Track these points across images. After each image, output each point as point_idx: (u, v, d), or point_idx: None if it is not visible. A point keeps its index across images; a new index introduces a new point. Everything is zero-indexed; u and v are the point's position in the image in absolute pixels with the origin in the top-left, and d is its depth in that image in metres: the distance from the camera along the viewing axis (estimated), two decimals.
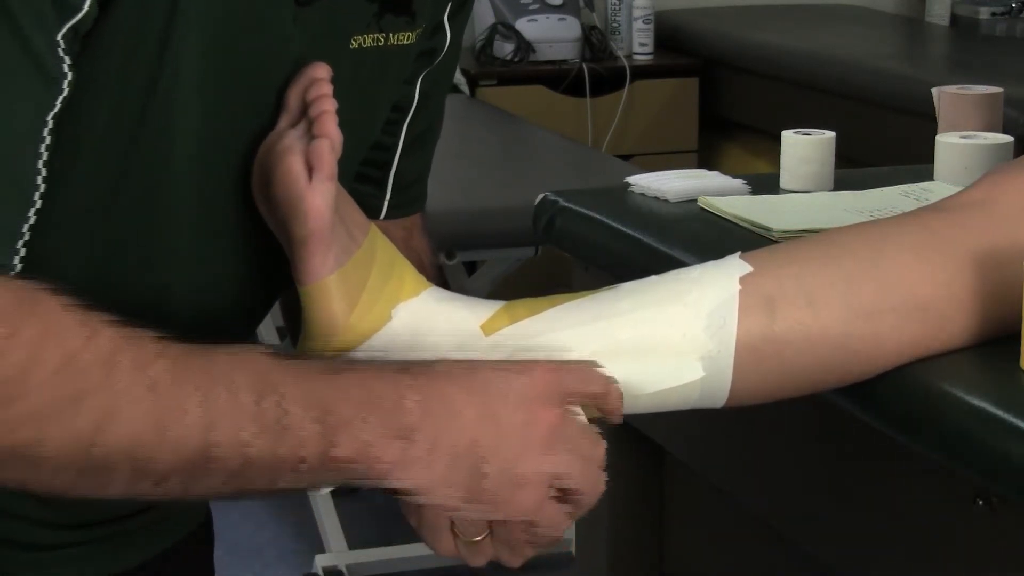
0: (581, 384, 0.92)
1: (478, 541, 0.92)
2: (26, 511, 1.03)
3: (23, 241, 0.86)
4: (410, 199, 1.20)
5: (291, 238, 0.97)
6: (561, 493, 0.89)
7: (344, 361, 0.93)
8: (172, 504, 1.16)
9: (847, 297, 1.00)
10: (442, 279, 1.08)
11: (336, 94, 0.99)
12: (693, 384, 0.98)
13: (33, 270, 0.85)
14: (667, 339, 0.98)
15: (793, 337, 0.99)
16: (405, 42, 1.07)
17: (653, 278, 1.02)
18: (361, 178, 1.14)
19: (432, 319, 0.99)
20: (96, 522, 1.08)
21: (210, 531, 1.22)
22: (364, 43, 1.04)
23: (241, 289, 1.06)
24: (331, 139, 0.97)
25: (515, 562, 0.92)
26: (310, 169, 0.96)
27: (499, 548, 0.92)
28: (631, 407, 0.98)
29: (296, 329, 1.01)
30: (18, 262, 0.85)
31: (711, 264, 1.02)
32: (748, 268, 1.00)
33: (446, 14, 1.13)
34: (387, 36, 1.06)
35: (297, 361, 0.88)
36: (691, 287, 1.00)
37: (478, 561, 0.93)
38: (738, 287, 0.99)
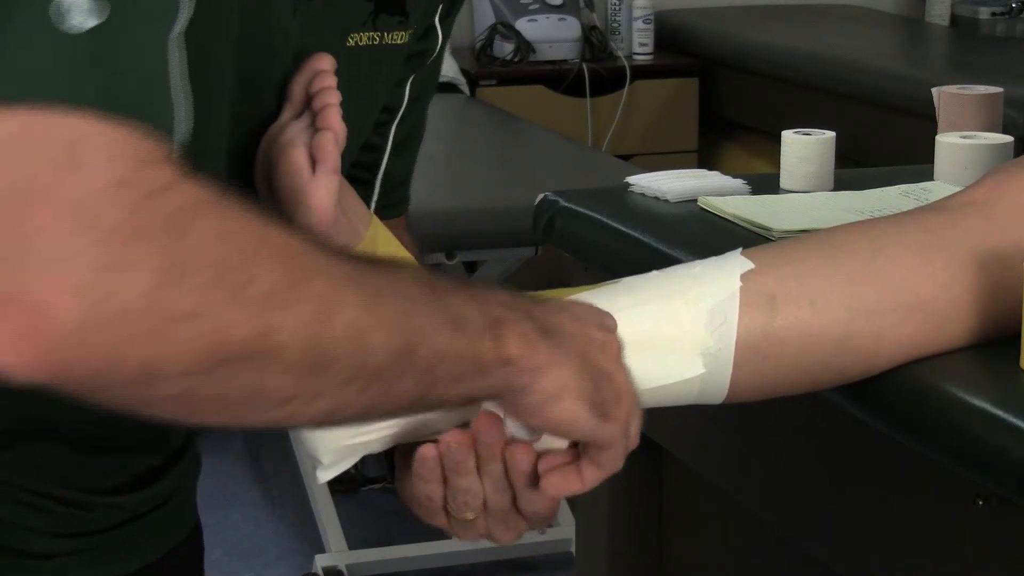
0: (611, 322, 0.91)
1: (471, 519, 0.90)
2: (22, 519, 1.03)
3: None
4: (396, 200, 1.21)
5: None
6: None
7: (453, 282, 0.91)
8: (189, 491, 1.15)
9: (848, 296, 1.00)
10: None
11: None
12: (693, 380, 0.98)
13: None
14: (667, 335, 0.97)
15: (793, 335, 0.99)
16: (398, 42, 1.07)
17: (654, 273, 1.02)
18: (351, 179, 1.14)
19: None
20: (91, 531, 1.07)
21: (200, 539, 1.21)
22: (360, 41, 1.05)
23: None
24: (335, 132, 0.97)
25: (508, 539, 0.91)
26: (313, 162, 0.96)
27: (492, 524, 0.91)
28: None
29: None
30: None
31: (712, 260, 1.02)
32: (749, 265, 1.00)
33: (437, 15, 1.13)
34: (381, 35, 1.06)
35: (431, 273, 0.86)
36: (692, 283, 1.00)
37: (469, 537, 0.92)
38: (739, 284, 0.99)
